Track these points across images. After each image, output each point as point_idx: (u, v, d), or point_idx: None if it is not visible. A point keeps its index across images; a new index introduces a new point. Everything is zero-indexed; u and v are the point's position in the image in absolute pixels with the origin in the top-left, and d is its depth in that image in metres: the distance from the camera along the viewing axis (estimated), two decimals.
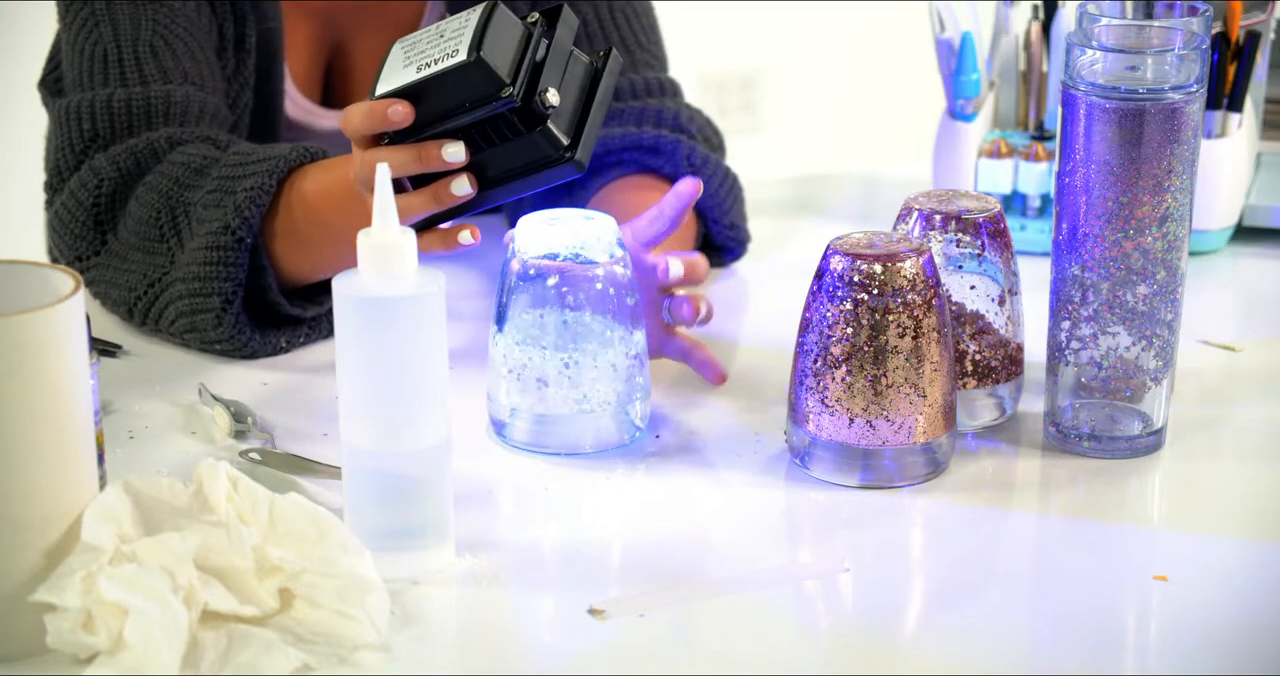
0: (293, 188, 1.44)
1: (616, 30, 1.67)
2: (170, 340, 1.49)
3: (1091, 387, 1.32)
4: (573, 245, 1.31)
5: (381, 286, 1.14)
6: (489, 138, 1.30)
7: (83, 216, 1.50)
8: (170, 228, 1.46)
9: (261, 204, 1.42)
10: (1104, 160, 1.27)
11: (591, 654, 1.11)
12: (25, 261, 1.12)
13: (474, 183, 1.31)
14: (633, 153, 1.59)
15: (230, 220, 1.42)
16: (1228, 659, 1.11)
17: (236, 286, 1.43)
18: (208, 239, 1.43)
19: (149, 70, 1.52)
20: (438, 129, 1.29)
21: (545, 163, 1.30)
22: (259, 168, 1.43)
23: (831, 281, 1.26)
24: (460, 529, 1.20)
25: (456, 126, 1.29)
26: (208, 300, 1.43)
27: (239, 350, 1.45)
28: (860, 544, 1.23)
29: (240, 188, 1.43)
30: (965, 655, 1.11)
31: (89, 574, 1.06)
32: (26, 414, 1.06)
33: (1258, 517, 1.27)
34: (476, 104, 1.28)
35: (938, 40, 1.71)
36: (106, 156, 1.50)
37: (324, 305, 1.48)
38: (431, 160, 1.30)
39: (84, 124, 1.52)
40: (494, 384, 1.34)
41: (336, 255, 1.42)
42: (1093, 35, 1.28)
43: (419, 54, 1.29)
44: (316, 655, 1.08)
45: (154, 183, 1.48)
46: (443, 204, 1.31)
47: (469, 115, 1.28)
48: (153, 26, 1.53)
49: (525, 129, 1.29)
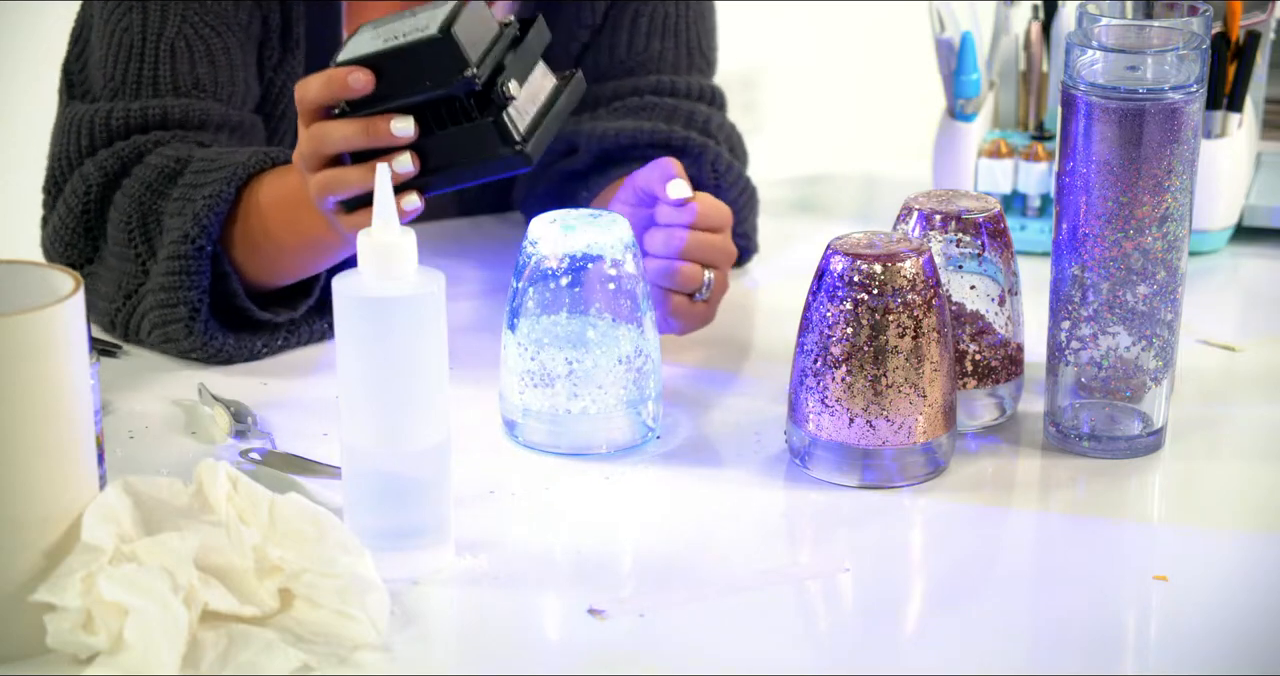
0: (251, 195, 1.44)
1: (686, 30, 1.68)
2: (152, 350, 1.48)
3: (1091, 387, 1.32)
4: (585, 245, 1.31)
5: (381, 286, 1.14)
6: (441, 120, 1.29)
7: (73, 224, 1.50)
8: (141, 236, 1.46)
9: (220, 211, 1.42)
10: (1104, 160, 1.27)
11: (591, 654, 1.11)
12: (25, 261, 1.12)
13: (416, 163, 1.30)
14: (659, 150, 1.59)
15: (189, 229, 1.42)
16: (1228, 659, 1.11)
17: (201, 294, 1.43)
18: (171, 248, 1.43)
19: (163, 74, 1.51)
20: (392, 104, 1.29)
21: (494, 153, 1.30)
22: (219, 174, 1.43)
23: (831, 281, 1.26)
24: (460, 529, 1.20)
25: (411, 103, 1.28)
26: (175, 310, 1.43)
27: (214, 356, 1.45)
28: (860, 544, 1.23)
29: (199, 196, 1.42)
30: (965, 655, 1.11)
31: (89, 574, 1.06)
32: (26, 414, 1.06)
33: (1258, 517, 1.27)
34: (437, 83, 1.27)
35: (938, 40, 1.71)
36: (94, 162, 1.49)
37: (296, 309, 1.47)
38: (379, 134, 1.29)
39: (83, 139, 1.51)
40: (506, 384, 1.34)
41: (284, 263, 1.43)
42: (1093, 35, 1.28)
43: (388, 31, 1.29)
44: (316, 655, 1.08)
45: (128, 188, 1.47)
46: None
47: (427, 93, 1.28)
48: (180, 21, 1.51)
49: (480, 115, 1.28)
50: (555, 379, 1.31)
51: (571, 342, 1.31)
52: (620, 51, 1.67)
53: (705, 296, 1.42)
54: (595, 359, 1.31)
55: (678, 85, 1.67)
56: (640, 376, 1.33)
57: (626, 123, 1.61)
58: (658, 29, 1.67)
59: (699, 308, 1.43)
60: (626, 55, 1.67)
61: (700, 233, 1.40)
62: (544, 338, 1.31)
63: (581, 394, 1.32)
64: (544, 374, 1.32)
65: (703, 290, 1.42)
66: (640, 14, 1.67)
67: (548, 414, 1.32)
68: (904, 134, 2.59)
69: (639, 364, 1.33)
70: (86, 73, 1.55)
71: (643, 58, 1.67)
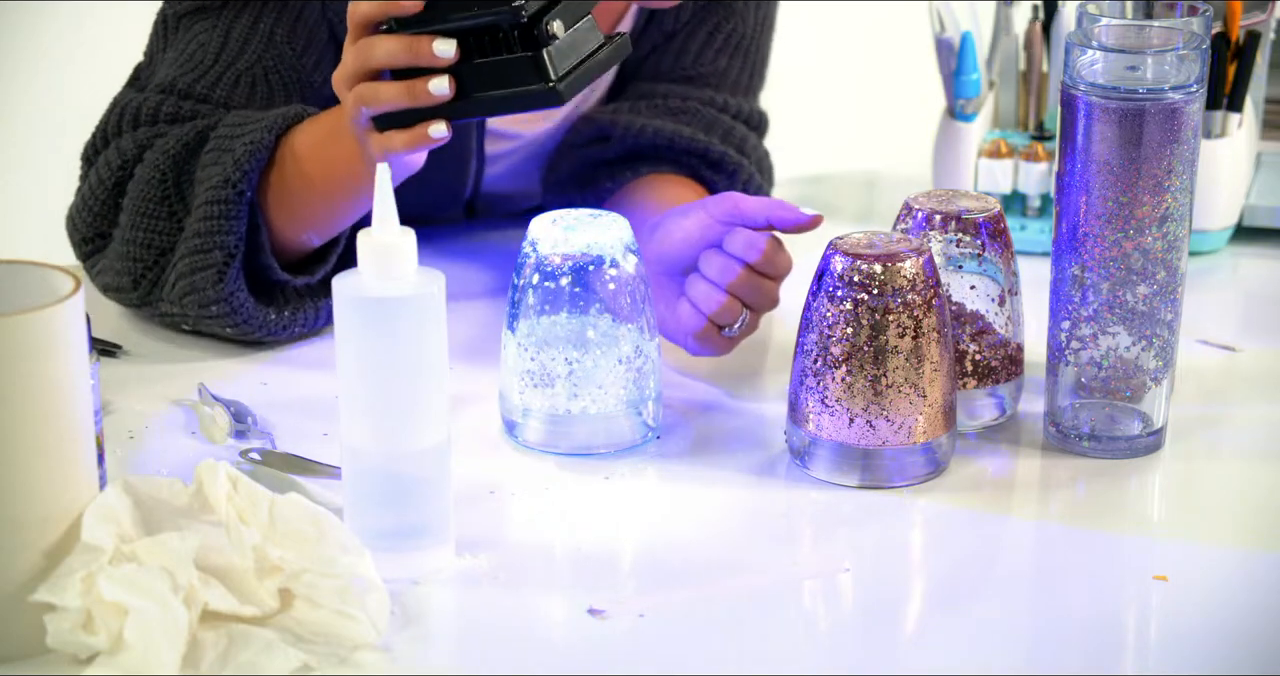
0: (286, 144, 1.44)
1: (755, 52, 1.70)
2: (166, 317, 1.47)
3: (1091, 387, 1.32)
4: (585, 245, 1.31)
5: (381, 286, 1.14)
6: (483, 50, 1.30)
7: (103, 195, 1.49)
8: (175, 192, 1.45)
9: (260, 158, 1.42)
10: (1104, 160, 1.27)
11: (591, 654, 1.11)
12: (25, 261, 1.12)
13: (453, 87, 1.31)
14: (694, 158, 1.60)
15: (230, 173, 1.42)
16: (1228, 659, 1.11)
17: (238, 240, 1.42)
18: (208, 194, 1.42)
19: (219, 94, 1.50)
20: (438, 27, 1.30)
21: (528, 87, 1.30)
22: (258, 125, 1.43)
23: (831, 281, 1.26)
24: (460, 529, 1.20)
25: (456, 28, 1.29)
26: (209, 256, 1.43)
27: (233, 313, 1.44)
28: (860, 544, 1.23)
29: (239, 145, 1.43)
30: (965, 655, 1.11)
31: (89, 574, 1.06)
32: (26, 414, 1.06)
33: (1258, 517, 1.27)
34: (485, 9, 1.28)
35: (938, 40, 1.71)
36: (132, 137, 1.49)
37: (313, 276, 1.48)
38: (421, 52, 1.30)
39: (126, 117, 1.51)
40: (506, 384, 1.34)
41: (314, 207, 1.43)
42: (1093, 35, 1.28)
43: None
44: (316, 655, 1.08)
45: (161, 146, 1.47)
46: (416, 99, 1.31)
47: (474, 19, 1.29)
48: (255, 59, 1.51)
49: (521, 48, 1.29)
50: (555, 379, 1.32)
51: (571, 343, 1.31)
52: (686, 61, 1.67)
53: (733, 333, 1.41)
54: (595, 359, 1.31)
55: (728, 104, 1.68)
56: (640, 376, 1.33)
57: (665, 123, 1.62)
58: (729, 48, 1.67)
59: (722, 340, 1.41)
60: (692, 66, 1.67)
61: (755, 274, 1.39)
62: (544, 338, 1.31)
63: (581, 394, 1.32)
64: (544, 374, 1.32)
65: (734, 327, 1.40)
66: (719, 30, 1.67)
67: (548, 414, 1.32)
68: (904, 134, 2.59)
69: (639, 364, 1.33)
70: (150, 69, 1.56)
71: (706, 71, 1.67)
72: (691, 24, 1.66)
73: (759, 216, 1.38)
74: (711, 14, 1.66)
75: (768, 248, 1.37)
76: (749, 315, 1.39)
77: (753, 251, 1.37)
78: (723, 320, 1.38)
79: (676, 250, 1.41)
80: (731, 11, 1.67)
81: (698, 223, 1.40)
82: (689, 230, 1.41)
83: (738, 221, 1.39)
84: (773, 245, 1.38)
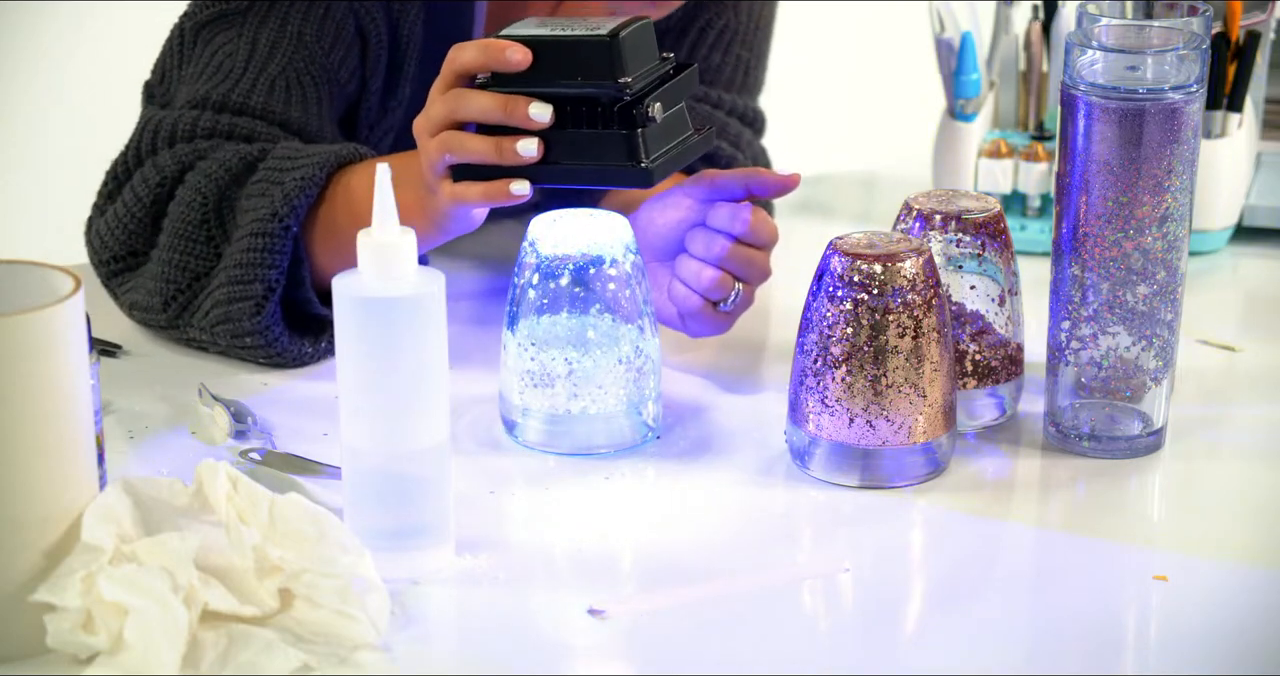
0: (339, 182, 1.43)
1: (747, 50, 1.69)
2: (194, 342, 1.47)
3: (1091, 387, 1.32)
4: (585, 245, 1.31)
5: (381, 286, 1.14)
6: (578, 121, 1.29)
7: (140, 213, 1.47)
8: (216, 219, 1.44)
9: (310, 194, 1.41)
10: (1104, 160, 1.27)
11: (591, 654, 1.11)
12: (25, 261, 1.12)
13: (541, 150, 1.30)
14: (702, 162, 1.59)
15: (279, 208, 1.40)
16: (1228, 659, 1.11)
17: (280, 274, 1.41)
18: (254, 226, 1.41)
19: (254, 103, 1.49)
20: (536, 90, 1.29)
21: (619, 164, 1.30)
22: (309, 160, 1.42)
23: (831, 281, 1.26)
24: (460, 529, 1.20)
25: (555, 95, 1.29)
26: (249, 287, 1.41)
27: (268, 346, 1.43)
28: (860, 544, 1.23)
29: (289, 179, 1.41)
30: (965, 655, 1.11)
31: (89, 574, 1.06)
32: (26, 414, 1.06)
33: (1258, 517, 1.27)
34: (589, 81, 1.28)
35: (938, 40, 1.71)
36: (171, 154, 1.48)
37: None
38: (516, 113, 1.29)
39: (161, 135, 1.49)
40: (506, 384, 1.34)
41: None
42: (1093, 35, 1.28)
43: (555, 25, 1.30)
44: (316, 655, 1.08)
45: (205, 168, 1.45)
46: (502, 157, 1.29)
47: (576, 89, 1.28)
48: (285, 63, 1.50)
49: (618, 125, 1.29)
50: (555, 379, 1.32)
51: (571, 342, 1.31)
52: (679, 57, 1.67)
53: (729, 308, 1.41)
54: (595, 359, 1.31)
55: (722, 99, 1.67)
56: (640, 376, 1.33)
57: None
58: (721, 44, 1.67)
59: (719, 316, 1.41)
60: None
61: (743, 245, 1.39)
62: (544, 338, 1.31)
63: (581, 394, 1.32)
64: (544, 374, 1.32)
65: (729, 301, 1.41)
66: (710, 27, 1.67)
67: (548, 414, 1.33)
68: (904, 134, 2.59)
69: (639, 364, 1.33)
70: (170, 87, 1.54)
71: (699, 68, 1.67)
72: (683, 21, 1.66)
73: (737, 187, 1.39)
74: (703, 11, 1.66)
75: (752, 218, 1.38)
76: (743, 288, 1.40)
77: (737, 223, 1.38)
78: (716, 295, 1.39)
79: (662, 236, 1.42)
80: (723, 8, 1.67)
81: (678, 205, 1.40)
82: (670, 215, 1.41)
83: (717, 197, 1.39)
84: (757, 215, 1.38)
